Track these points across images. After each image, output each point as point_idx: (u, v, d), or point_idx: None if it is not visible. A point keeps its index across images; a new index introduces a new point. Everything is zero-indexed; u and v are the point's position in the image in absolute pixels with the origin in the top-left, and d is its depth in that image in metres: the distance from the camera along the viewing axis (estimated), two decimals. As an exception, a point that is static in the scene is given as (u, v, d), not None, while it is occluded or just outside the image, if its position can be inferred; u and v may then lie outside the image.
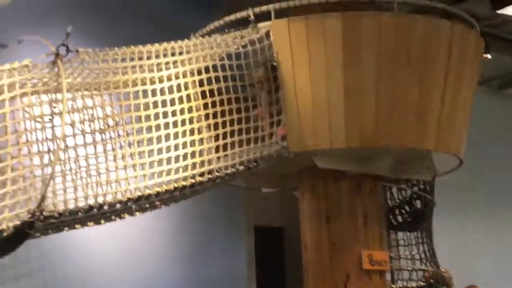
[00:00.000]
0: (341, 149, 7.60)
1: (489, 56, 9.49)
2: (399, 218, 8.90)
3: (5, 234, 5.58)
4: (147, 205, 6.72)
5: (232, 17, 7.81)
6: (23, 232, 5.68)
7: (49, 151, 5.97)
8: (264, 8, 7.62)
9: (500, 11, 10.75)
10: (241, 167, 7.15)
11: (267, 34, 7.44)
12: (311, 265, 8.23)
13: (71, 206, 5.97)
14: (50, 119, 6.08)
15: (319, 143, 7.53)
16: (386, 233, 8.64)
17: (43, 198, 5.65)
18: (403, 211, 8.98)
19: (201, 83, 7.05)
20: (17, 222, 5.59)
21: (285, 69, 7.49)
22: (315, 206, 8.21)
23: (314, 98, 7.49)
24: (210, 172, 6.93)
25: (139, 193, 6.43)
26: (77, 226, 6.56)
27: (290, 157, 7.43)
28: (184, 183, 6.73)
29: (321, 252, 8.12)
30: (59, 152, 5.86)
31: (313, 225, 8.21)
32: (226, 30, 7.40)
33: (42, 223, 5.80)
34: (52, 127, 6.01)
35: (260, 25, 7.47)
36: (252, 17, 7.51)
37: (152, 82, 6.68)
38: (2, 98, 5.61)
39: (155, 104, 6.59)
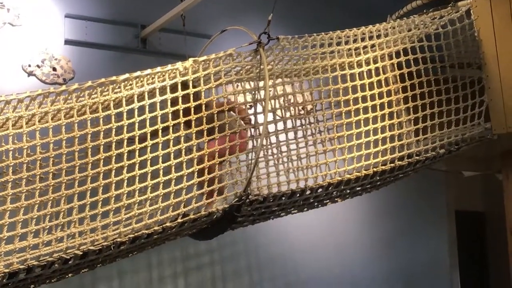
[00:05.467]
0: (549, 130, 7.23)
1: None
2: None
3: (214, 216, 5.85)
4: (348, 191, 6.75)
5: (431, -4, 7.66)
6: (230, 215, 5.92)
7: (252, 137, 6.17)
8: (464, -15, 7.40)
9: None
10: (442, 150, 6.97)
11: (468, 12, 7.21)
12: (518, 252, 7.92)
13: (275, 190, 6.13)
14: (251, 106, 6.28)
15: (526, 124, 7.21)
16: None
17: (248, 182, 5.84)
18: None
19: (399, 66, 6.96)
20: (225, 205, 5.83)
21: (487, 47, 7.22)
22: (521, 188, 7.89)
23: (520, 77, 7.19)
24: (409, 156, 6.82)
25: (339, 178, 6.45)
26: (282, 214, 6.73)
27: (494, 139, 7.18)
28: (383, 167, 6.68)
29: (529, 238, 7.79)
30: (263, 138, 6.01)
31: (520, 210, 7.89)
32: (424, 11, 7.26)
33: (248, 207, 6.01)
34: (255, 113, 6.20)
35: (460, 3, 7.25)
36: (451, -5, 7.33)
37: (351, 66, 6.68)
38: (208, 86, 5.85)
39: (354, 89, 6.58)
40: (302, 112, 6.78)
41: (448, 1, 7.33)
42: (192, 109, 5.70)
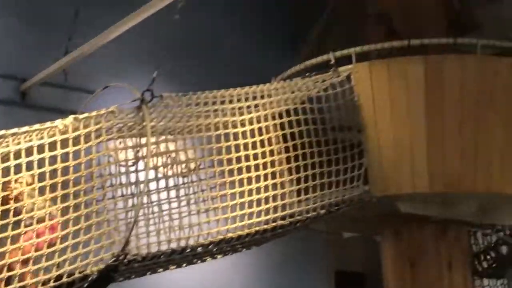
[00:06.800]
0: (424, 194, 7.46)
1: None
2: (484, 264, 8.68)
3: (90, 278, 5.66)
4: (228, 248, 6.73)
5: (313, 61, 7.81)
6: (107, 276, 5.74)
7: (132, 195, 6.06)
8: (345, 51, 7.61)
9: None
10: (322, 211, 7.09)
11: (348, 78, 7.42)
12: (395, 312, 8.07)
13: (154, 249, 6.01)
14: (134, 163, 6.19)
15: (402, 188, 7.41)
16: (471, 280, 8.41)
17: (127, 242, 5.70)
18: (488, 257, 8.77)
19: (282, 127, 7.06)
20: (101, 266, 5.66)
21: (366, 112, 7.44)
22: (398, 252, 8.07)
23: (396, 142, 7.40)
24: (291, 215, 6.89)
25: (221, 237, 6.42)
26: (159, 270, 6.62)
27: (372, 201, 7.34)
28: (265, 226, 6.71)
29: (406, 299, 7.97)
30: (143, 196, 5.93)
31: (397, 271, 8.05)
32: (307, 74, 7.42)
33: (125, 267, 5.86)
34: (136, 171, 6.11)
35: (341, 68, 7.46)
36: (333, 60, 7.52)
37: (234, 125, 6.71)
38: (89, 145, 5.73)
39: (237, 148, 6.62)
40: (185, 170, 6.73)
41: (330, 65, 7.54)
42: None
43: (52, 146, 5.53)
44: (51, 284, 5.38)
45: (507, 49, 7.87)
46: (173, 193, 6.45)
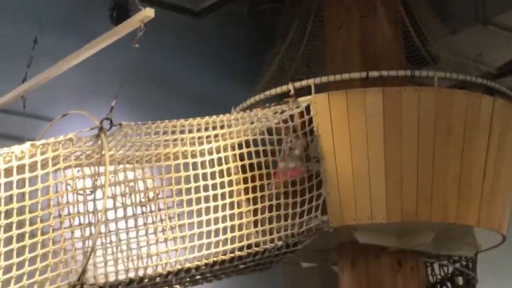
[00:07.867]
0: (382, 224, 7.52)
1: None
2: (441, 295, 8.75)
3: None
4: (187, 279, 6.69)
5: (273, 91, 7.87)
6: (63, 306, 5.66)
7: (90, 224, 6.01)
8: (304, 82, 7.69)
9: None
10: (280, 242, 7.09)
11: (308, 108, 7.48)
12: None
13: (112, 279, 5.94)
14: (91, 192, 6.14)
15: (360, 218, 7.46)
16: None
17: (84, 271, 5.63)
18: (444, 287, 8.84)
19: (241, 157, 7.07)
20: (58, 296, 5.59)
21: (325, 143, 7.49)
22: (356, 282, 8.11)
23: (354, 172, 7.47)
24: (249, 246, 6.88)
25: (179, 267, 6.39)
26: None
27: (330, 232, 7.36)
28: (223, 257, 6.69)
29: (363, 328, 8.00)
30: (100, 225, 5.87)
31: (355, 301, 8.10)
32: (266, 105, 7.46)
33: (82, 297, 5.79)
34: (94, 200, 6.06)
35: (301, 99, 7.52)
36: (292, 91, 7.58)
37: (193, 155, 6.71)
38: (46, 171, 5.67)
39: (196, 177, 6.60)
40: (143, 199, 6.69)
41: (290, 95, 7.60)
42: None
43: (8, 172, 5.47)
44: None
45: (463, 82, 8.06)
46: (131, 223, 6.39)
